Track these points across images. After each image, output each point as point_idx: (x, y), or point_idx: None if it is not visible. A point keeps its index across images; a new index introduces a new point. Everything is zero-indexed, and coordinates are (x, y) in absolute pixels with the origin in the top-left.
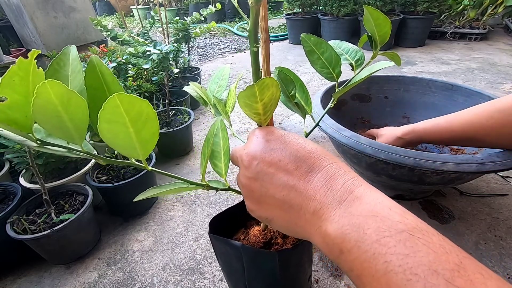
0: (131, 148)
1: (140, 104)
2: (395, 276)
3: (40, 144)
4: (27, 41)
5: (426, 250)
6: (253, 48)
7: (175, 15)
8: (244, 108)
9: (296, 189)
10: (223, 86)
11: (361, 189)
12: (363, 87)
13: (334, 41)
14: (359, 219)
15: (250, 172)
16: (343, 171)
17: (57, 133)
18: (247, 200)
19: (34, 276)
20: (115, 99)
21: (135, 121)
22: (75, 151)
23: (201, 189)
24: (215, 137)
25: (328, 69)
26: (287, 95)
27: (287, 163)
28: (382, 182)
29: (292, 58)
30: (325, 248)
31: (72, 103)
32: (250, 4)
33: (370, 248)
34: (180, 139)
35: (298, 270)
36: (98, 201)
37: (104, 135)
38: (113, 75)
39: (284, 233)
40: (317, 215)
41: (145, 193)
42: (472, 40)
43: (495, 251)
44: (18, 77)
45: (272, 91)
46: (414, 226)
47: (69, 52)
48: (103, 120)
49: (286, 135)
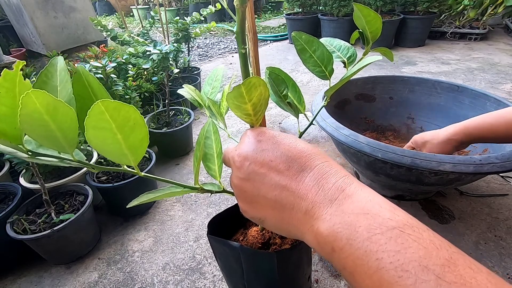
0: (120, 154)
1: (126, 109)
2: (386, 273)
3: (31, 155)
4: (27, 41)
5: (417, 246)
6: (241, 49)
7: (175, 15)
8: (234, 109)
9: (288, 188)
10: (216, 88)
11: (352, 187)
12: (368, 87)
13: (325, 38)
14: (351, 217)
15: (241, 173)
16: (335, 170)
17: (46, 143)
18: (239, 201)
19: (34, 276)
20: (99, 105)
21: (122, 127)
22: (67, 160)
23: (195, 192)
24: (207, 139)
25: (321, 67)
26: (279, 95)
27: (278, 163)
28: (381, 182)
29: (292, 58)
30: (318, 247)
31: (60, 112)
32: (236, 5)
33: (362, 245)
34: (180, 139)
35: (297, 270)
36: (98, 201)
37: (92, 142)
38: (99, 83)
39: (278, 233)
40: (309, 214)
41: (138, 199)
42: (472, 40)
43: (495, 251)
44: (4, 88)
45: (260, 91)
46: (404, 223)
47: (57, 63)
48: (90, 127)
49: (278, 135)
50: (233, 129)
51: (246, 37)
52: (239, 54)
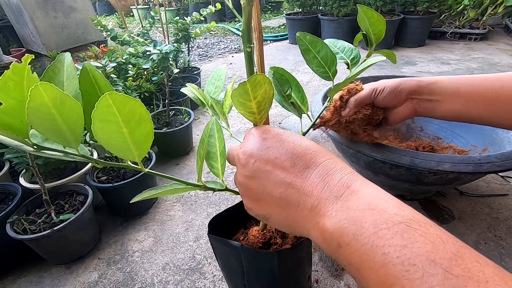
0: (126, 149)
1: (132, 103)
2: (393, 268)
3: (36, 148)
4: (27, 41)
5: (424, 240)
6: (247, 48)
7: (175, 15)
8: (239, 107)
9: (293, 186)
10: (219, 87)
11: (358, 184)
12: None
13: (330, 40)
14: (356, 213)
15: (247, 170)
16: (340, 166)
17: (52, 137)
18: (244, 199)
19: (34, 276)
20: (107, 98)
21: (128, 121)
22: (72, 154)
23: (198, 189)
24: (210, 138)
25: (324, 68)
26: (283, 95)
27: (283, 160)
28: (381, 182)
29: (292, 58)
30: (323, 244)
31: (66, 106)
32: (242, 4)
33: (368, 240)
34: (180, 139)
35: (297, 270)
36: (98, 201)
37: (98, 135)
38: (106, 79)
39: (283, 231)
40: (315, 211)
41: (141, 194)
42: (472, 40)
43: (495, 251)
44: (12, 82)
45: (265, 89)
46: (411, 218)
47: (64, 59)
48: (96, 119)
49: (282, 133)
50: (234, 128)
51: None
52: (244, 53)
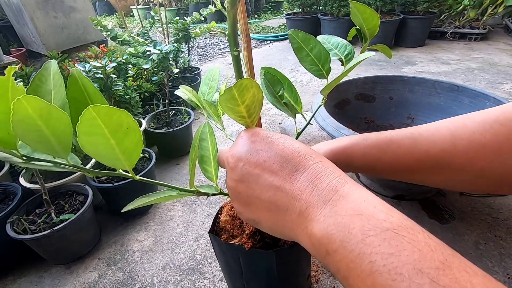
0: (114, 159)
1: (119, 114)
2: (380, 277)
3: (25, 160)
4: (27, 41)
5: (411, 248)
6: (234, 52)
7: (175, 15)
8: (228, 112)
9: (282, 189)
10: (214, 88)
11: (347, 188)
12: (368, 87)
13: (323, 36)
14: (344, 219)
15: (236, 174)
16: (329, 169)
17: (40, 148)
18: (234, 203)
19: (34, 276)
20: (90, 111)
21: (115, 131)
22: (62, 164)
23: (191, 195)
24: (203, 141)
25: (317, 66)
26: (275, 96)
27: (272, 163)
28: (381, 182)
29: (292, 58)
30: (312, 249)
31: (53, 117)
32: (227, 8)
33: (355, 248)
34: (180, 139)
35: (296, 270)
36: (98, 201)
37: (85, 147)
38: (95, 86)
39: (273, 235)
40: (303, 216)
41: (133, 203)
42: (472, 40)
43: (495, 251)
44: None
45: (253, 92)
46: (399, 224)
47: (50, 67)
48: (82, 133)
49: (272, 135)
50: (233, 129)
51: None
52: (231, 57)
